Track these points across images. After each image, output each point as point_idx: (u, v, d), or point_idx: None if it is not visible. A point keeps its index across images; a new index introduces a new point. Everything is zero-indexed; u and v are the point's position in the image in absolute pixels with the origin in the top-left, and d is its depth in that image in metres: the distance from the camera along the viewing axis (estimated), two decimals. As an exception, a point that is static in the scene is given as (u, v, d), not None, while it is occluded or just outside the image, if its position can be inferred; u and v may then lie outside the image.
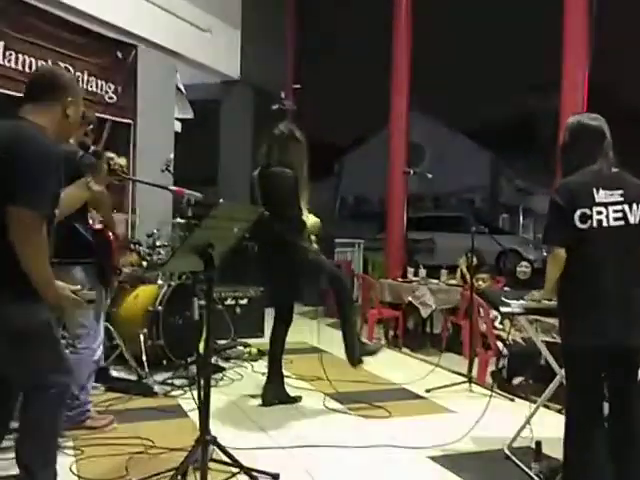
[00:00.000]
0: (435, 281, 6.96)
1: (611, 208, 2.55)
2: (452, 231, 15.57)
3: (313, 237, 3.81)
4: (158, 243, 4.99)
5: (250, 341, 5.69)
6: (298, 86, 11.63)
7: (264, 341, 5.86)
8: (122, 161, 2.44)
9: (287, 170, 3.58)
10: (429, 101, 25.52)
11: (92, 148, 2.53)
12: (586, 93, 7.11)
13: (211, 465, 2.76)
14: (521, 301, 3.03)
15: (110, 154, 2.43)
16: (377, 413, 3.89)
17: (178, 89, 8.07)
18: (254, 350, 5.31)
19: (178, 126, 7.97)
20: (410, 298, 6.58)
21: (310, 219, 3.77)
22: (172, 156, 5.26)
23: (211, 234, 2.54)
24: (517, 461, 3.13)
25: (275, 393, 3.83)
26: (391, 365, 5.40)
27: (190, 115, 8.38)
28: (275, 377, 3.87)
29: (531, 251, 15.61)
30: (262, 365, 4.97)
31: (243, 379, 4.59)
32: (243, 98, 9.65)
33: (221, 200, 2.48)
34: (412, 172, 5.20)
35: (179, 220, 5.58)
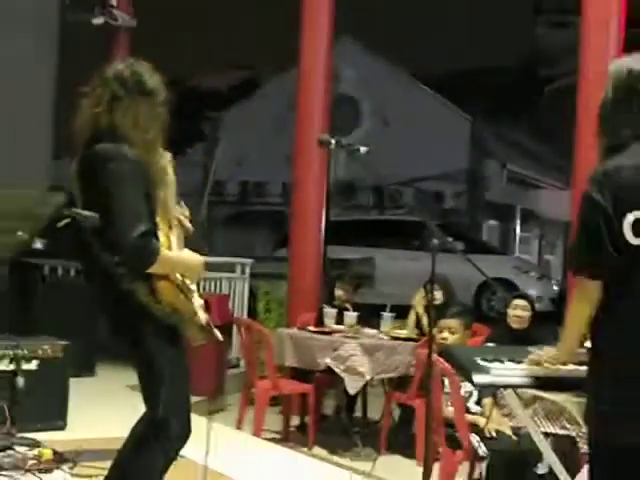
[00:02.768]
0: (373, 332, 7.08)
1: None
2: (405, 247, 15.92)
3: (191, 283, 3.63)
4: None
5: (41, 436, 5.55)
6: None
7: (66, 436, 5.76)
8: None
9: (125, 148, 3.47)
10: (372, 27, 26.05)
11: None
12: (624, 27, 7.54)
13: None
14: (512, 365, 3.10)
15: None
16: None
17: None
18: (47, 452, 5.17)
19: None
20: (328, 361, 6.65)
21: (185, 259, 3.59)
22: None
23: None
24: None
25: None
26: (294, 477, 5.43)
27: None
28: None
29: (532, 282, 16.18)
30: (60, 479, 4.86)
31: (25, 505, 4.45)
32: (39, 2, 9.43)
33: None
34: (335, 143, 5.25)
35: None
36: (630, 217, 2.62)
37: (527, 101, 29.05)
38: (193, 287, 3.57)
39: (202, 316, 3.50)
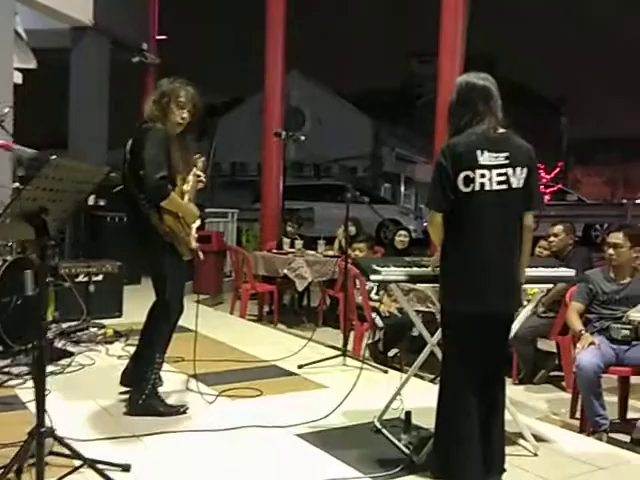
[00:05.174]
0: (312, 252, 7.04)
1: (495, 171, 2.62)
2: (333, 201, 15.82)
3: (193, 225, 3.53)
4: (-10, 211, 4.57)
5: (106, 322, 5.46)
6: (163, 37, 11.17)
7: (122, 321, 5.68)
8: None
9: (158, 125, 3.38)
10: (311, 63, 25.72)
11: None
12: (464, 62, 7.53)
13: (52, 460, 2.61)
14: (395, 269, 3.08)
15: None
16: (245, 393, 3.87)
17: (17, 34, 7.42)
18: (110, 331, 5.09)
19: (18, 77, 7.35)
20: (285, 271, 6.61)
21: (188, 206, 3.43)
22: (7, 110, 4.79)
23: (44, 196, 2.35)
24: (386, 433, 3.25)
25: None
26: (264, 342, 5.43)
27: (33, 65, 7.76)
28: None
29: (411, 221, 16.23)
30: (118, 348, 4.80)
31: (95, 363, 4.37)
32: (97, 48, 9.07)
33: (54, 156, 2.27)
34: (284, 134, 5.14)
35: (19, 185, 5.16)
36: (462, 175, 2.62)
37: (406, 110, 28.86)
38: (194, 226, 3.50)
39: (193, 243, 3.46)
